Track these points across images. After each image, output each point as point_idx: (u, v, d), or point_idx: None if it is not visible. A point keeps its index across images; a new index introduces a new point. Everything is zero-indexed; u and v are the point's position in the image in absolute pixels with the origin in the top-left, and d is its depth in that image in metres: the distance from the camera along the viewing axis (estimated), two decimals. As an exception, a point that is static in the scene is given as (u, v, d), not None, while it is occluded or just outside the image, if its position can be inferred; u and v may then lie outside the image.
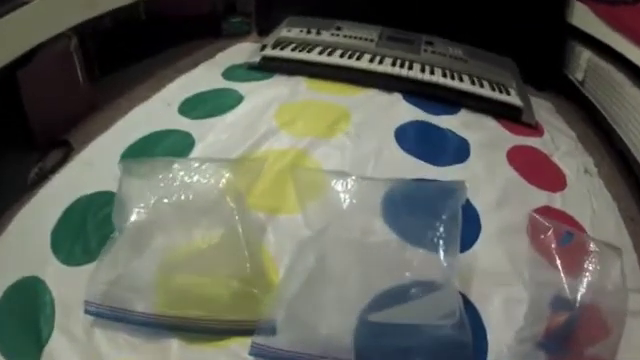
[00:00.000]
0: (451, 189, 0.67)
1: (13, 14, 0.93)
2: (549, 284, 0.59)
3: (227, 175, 0.67)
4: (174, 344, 0.55)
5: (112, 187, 0.76)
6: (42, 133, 1.08)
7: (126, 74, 1.15)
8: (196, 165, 0.69)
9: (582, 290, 0.57)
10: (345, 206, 0.64)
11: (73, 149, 0.98)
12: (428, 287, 0.56)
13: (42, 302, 0.62)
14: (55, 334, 0.57)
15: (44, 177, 0.91)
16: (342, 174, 0.67)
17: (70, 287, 0.63)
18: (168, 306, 0.57)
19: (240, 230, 0.62)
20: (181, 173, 0.69)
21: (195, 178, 0.68)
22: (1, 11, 0.95)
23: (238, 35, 1.33)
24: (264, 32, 1.23)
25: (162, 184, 0.68)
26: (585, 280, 0.59)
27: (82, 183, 0.79)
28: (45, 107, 1.07)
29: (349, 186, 0.65)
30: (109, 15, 1.16)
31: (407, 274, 0.59)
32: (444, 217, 0.63)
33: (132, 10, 1.24)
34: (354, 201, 0.65)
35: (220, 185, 0.66)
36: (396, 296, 0.56)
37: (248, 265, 0.58)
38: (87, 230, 0.70)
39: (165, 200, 0.67)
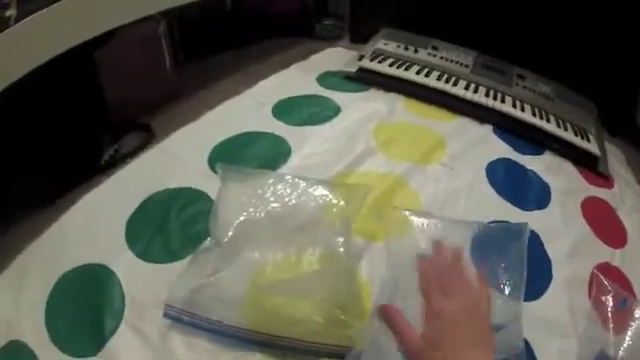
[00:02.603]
0: (518, 231, 0.69)
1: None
2: (597, 341, 0.63)
3: (335, 200, 0.66)
4: (257, 357, 0.54)
5: (198, 184, 0.74)
6: (120, 114, 1.07)
7: (210, 64, 1.14)
8: (303, 185, 0.68)
9: (622, 351, 0.61)
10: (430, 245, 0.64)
11: (155, 136, 0.98)
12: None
13: (110, 294, 0.59)
14: (123, 330, 0.56)
15: (120, 160, 0.91)
16: (429, 215, 0.68)
17: (145, 284, 0.60)
18: (256, 321, 0.55)
19: (343, 255, 0.61)
20: (287, 190, 0.67)
21: (302, 198, 0.66)
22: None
23: (329, 38, 1.32)
24: (358, 39, 1.22)
25: (265, 198, 0.66)
26: (627, 342, 0.63)
27: (165, 174, 0.76)
28: (126, 88, 1.05)
29: (435, 228, 0.66)
30: (195, 3, 1.16)
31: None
32: (513, 259, 0.65)
33: (219, 1, 1.22)
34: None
35: (327, 208, 0.66)
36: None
37: (346, 292, 0.58)
38: (169, 227, 0.67)
39: (267, 215, 0.64)
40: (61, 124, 1.05)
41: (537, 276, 0.67)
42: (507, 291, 0.62)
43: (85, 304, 0.58)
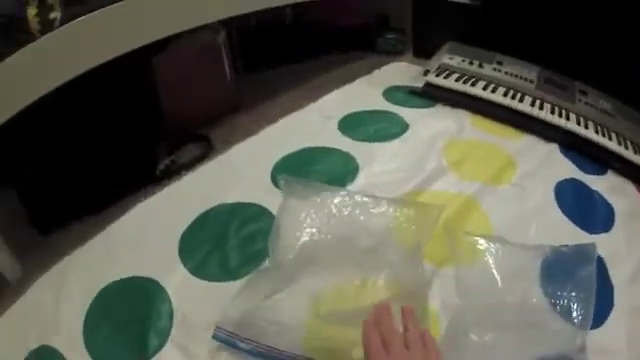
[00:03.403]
0: (587, 254, 0.69)
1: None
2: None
3: (406, 222, 0.64)
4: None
5: (260, 200, 0.71)
6: (177, 124, 1.03)
7: (269, 76, 1.12)
8: (372, 204, 0.66)
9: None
10: (502, 272, 0.64)
11: (213, 148, 0.96)
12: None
13: (157, 309, 0.56)
14: (169, 348, 0.53)
15: (176, 171, 0.89)
16: (501, 240, 0.68)
17: (197, 302, 0.57)
18: (313, 349, 0.53)
19: (412, 282, 0.59)
20: (355, 210, 0.65)
21: (372, 220, 0.64)
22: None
23: (392, 53, 1.30)
24: (421, 54, 1.22)
25: (331, 216, 0.63)
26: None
27: (224, 188, 0.74)
28: (184, 98, 1.02)
29: (507, 254, 0.66)
30: (255, 14, 1.13)
31: (553, 344, 0.61)
32: (583, 286, 0.65)
33: (278, 13, 1.21)
34: (509, 268, 0.65)
35: (397, 231, 0.63)
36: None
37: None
38: (227, 244, 0.65)
39: (333, 236, 0.61)
40: (114, 131, 1.02)
41: (600, 303, 0.66)
42: (577, 321, 0.62)
43: (129, 318, 0.56)
